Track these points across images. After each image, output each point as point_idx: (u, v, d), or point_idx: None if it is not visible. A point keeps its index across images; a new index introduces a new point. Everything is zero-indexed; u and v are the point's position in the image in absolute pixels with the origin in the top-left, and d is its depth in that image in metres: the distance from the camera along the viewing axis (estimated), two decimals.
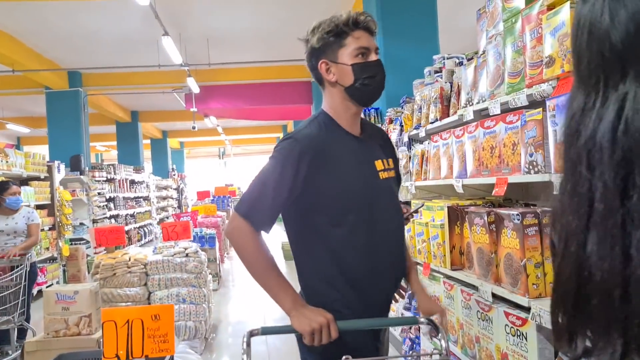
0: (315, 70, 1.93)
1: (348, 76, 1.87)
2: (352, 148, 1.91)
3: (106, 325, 2.85)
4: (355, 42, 1.87)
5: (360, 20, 1.89)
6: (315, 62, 1.92)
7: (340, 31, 1.88)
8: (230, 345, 5.66)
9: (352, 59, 1.86)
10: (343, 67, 1.87)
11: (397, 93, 5.52)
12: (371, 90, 1.90)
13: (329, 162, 1.83)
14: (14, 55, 9.81)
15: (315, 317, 1.68)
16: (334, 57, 1.88)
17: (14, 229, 5.46)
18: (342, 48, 1.87)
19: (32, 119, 18.21)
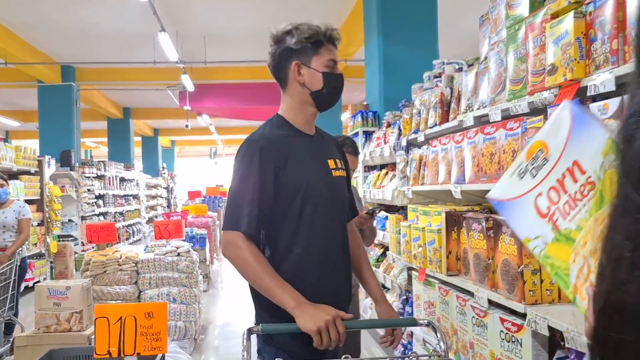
0: (283, 68, 2.02)
1: (317, 82, 1.99)
2: (304, 145, 2.02)
3: (99, 322, 2.83)
4: (328, 54, 2.01)
5: (334, 36, 2.05)
6: (285, 61, 2.01)
7: (318, 40, 2.00)
8: (219, 347, 5.63)
9: (323, 67, 1.99)
10: (315, 72, 1.99)
11: (396, 97, 5.53)
12: (333, 99, 2.06)
13: (285, 157, 1.93)
14: (7, 47, 9.74)
15: (321, 315, 1.68)
16: (308, 62, 1.99)
17: (4, 222, 5.40)
18: (316, 55, 1.99)
19: (22, 113, 18.06)
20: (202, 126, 19.68)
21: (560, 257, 1.15)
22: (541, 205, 1.18)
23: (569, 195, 1.14)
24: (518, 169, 1.23)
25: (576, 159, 1.14)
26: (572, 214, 1.13)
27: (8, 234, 5.41)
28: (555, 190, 1.16)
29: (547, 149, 1.18)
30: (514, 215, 1.23)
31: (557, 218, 1.15)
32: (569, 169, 1.15)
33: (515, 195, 1.22)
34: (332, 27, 2.07)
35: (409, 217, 3.82)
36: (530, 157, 1.20)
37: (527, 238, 1.21)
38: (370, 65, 6.54)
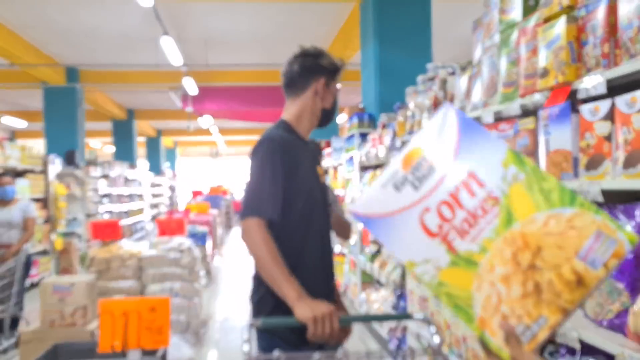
0: (306, 79, 2.20)
1: (329, 102, 2.24)
2: (305, 152, 2.19)
3: (103, 317, 2.91)
4: (337, 85, 2.29)
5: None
6: (312, 74, 2.20)
7: (338, 72, 2.27)
8: (219, 341, 5.72)
9: (334, 93, 2.27)
10: (331, 94, 2.24)
11: (390, 99, 5.63)
12: (329, 121, 2.31)
13: (296, 160, 2.09)
14: (12, 49, 9.83)
15: (318, 307, 1.77)
16: (329, 84, 2.23)
17: (9, 220, 5.49)
18: (333, 82, 2.25)
19: (27, 113, 18.16)
20: (203, 127, 19.76)
21: (459, 284, 0.99)
22: (430, 223, 1.02)
23: (467, 212, 1.01)
24: (393, 180, 1.06)
25: (472, 170, 1.02)
26: (472, 233, 1.00)
27: (14, 232, 5.51)
28: (448, 205, 1.02)
29: (433, 157, 1.06)
30: (390, 234, 1.06)
31: (453, 238, 1.01)
32: (464, 182, 1.02)
33: (391, 210, 1.05)
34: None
35: None
36: (409, 165, 1.06)
37: (411, 262, 1.03)
38: (367, 69, 6.64)
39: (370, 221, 1.08)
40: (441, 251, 1.01)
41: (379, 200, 1.07)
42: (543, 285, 0.94)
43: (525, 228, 0.97)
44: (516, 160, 1.01)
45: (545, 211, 0.96)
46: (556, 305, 0.93)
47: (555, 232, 0.95)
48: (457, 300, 0.99)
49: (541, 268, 0.94)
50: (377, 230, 1.07)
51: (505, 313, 0.95)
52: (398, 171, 1.07)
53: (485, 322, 0.97)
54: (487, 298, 0.97)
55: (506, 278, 0.96)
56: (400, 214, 1.05)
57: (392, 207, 1.05)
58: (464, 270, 0.99)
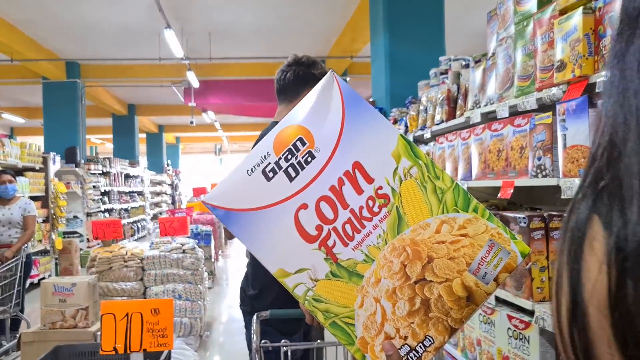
0: (298, 86, 2.31)
1: None
2: None
3: (105, 318, 2.83)
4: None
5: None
6: (305, 81, 2.30)
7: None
8: (224, 344, 5.64)
9: None
10: None
11: (402, 94, 5.51)
12: None
13: None
14: (12, 44, 9.74)
15: None
16: None
17: (9, 219, 5.41)
18: None
19: (27, 109, 18.09)
20: (207, 123, 19.67)
21: (339, 299, 0.84)
22: (307, 223, 0.84)
23: (350, 211, 0.84)
24: (262, 166, 0.86)
25: (358, 159, 0.85)
26: (357, 238, 0.84)
27: (14, 231, 5.42)
28: (329, 202, 0.84)
29: (312, 139, 0.86)
30: (256, 233, 0.85)
31: (333, 243, 0.84)
32: (348, 173, 0.85)
33: (259, 205, 0.85)
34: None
35: None
36: (282, 149, 0.86)
37: (282, 271, 0.85)
38: (377, 62, 6.52)
39: (229, 215, 0.86)
40: (319, 259, 0.84)
41: (243, 191, 0.85)
42: (432, 302, 0.82)
43: (416, 235, 0.84)
44: (408, 152, 0.86)
45: (439, 216, 0.84)
46: (443, 324, 0.82)
47: (448, 241, 0.83)
48: (336, 318, 0.84)
49: (431, 281, 0.82)
50: (238, 227, 0.86)
51: (388, 333, 0.83)
52: (269, 154, 0.86)
53: (366, 344, 0.84)
54: (370, 316, 0.83)
55: (393, 293, 0.83)
56: (271, 210, 0.85)
57: (261, 201, 0.85)
58: (345, 284, 0.84)
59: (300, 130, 0.86)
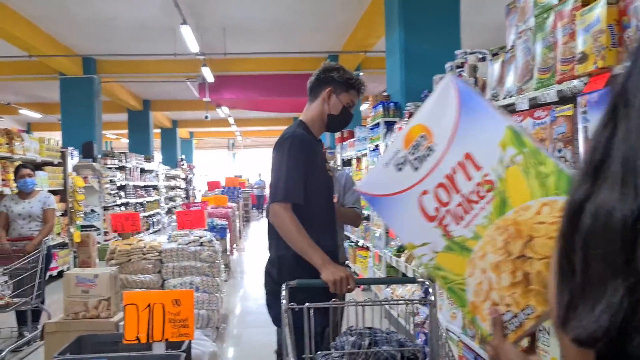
0: (319, 88, 2.63)
1: (337, 109, 2.62)
2: (318, 150, 2.64)
3: (128, 308, 2.87)
4: (352, 97, 2.65)
5: (362, 88, 2.71)
6: (325, 84, 2.62)
7: (352, 84, 2.64)
8: (240, 336, 5.69)
9: (345, 102, 2.63)
10: (338, 103, 2.62)
11: (417, 87, 5.50)
12: (338, 126, 2.74)
13: (313, 156, 2.53)
14: (30, 40, 9.84)
15: (339, 272, 2.22)
16: (338, 93, 2.62)
17: (29, 212, 5.49)
18: (344, 93, 2.63)
19: (43, 105, 18.27)
20: (220, 118, 19.75)
21: (454, 269, 0.99)
22: (428, 206, 1.01)
23: (462, 196, 0.98)
24: (394, 159, 1.04)
25: (469, 150, 0.97)
26: (467, 218, 0.97)
27: (34, 224, 5.51)
28: (444, 187, 0.99)
29: (431, 136, 1.01)
30: (392, 214, 1.05)
31: (448, 222, 0.99)
32: (460, 163, 0.98)
33: (393, 191, 1.04)
34: (364, 84, 2.72)
35: None
36: (409, 144, 1.03)
37: (411, 244, 1.03)
38: (392, 56, 6.51)
39: (374, 200, 1.08)
40: (437, 235, 1.00)
41: (382, 180, 1.06)
42: (532, 276, 0.92)
43: (518, 216, 0.94)
44: (515, 140, 0.95)
45: (540, 199, 0.93)
46: (543, 296, 0.91)
47: (547, 222, 0.92)
48: (452, 284, 1.00)
49: (531, 258, 0.92)
50: (380, 209, 1.08)
51: (494, 300, 0.95)
52: (399, 150, 1.04)
53: (476, 307, 0.97)
54: (478, 284, 0.96)
55: (497, 266, 0.95)
56: (401, 195, 1.03)
57: (394, 188, 1.04)
58: (458, 256, 0.98)
59: (422, 129, 1.01)
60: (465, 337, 3.22)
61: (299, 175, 2.42)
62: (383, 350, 1.98)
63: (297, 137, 2.49)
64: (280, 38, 11.21)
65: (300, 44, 11.26)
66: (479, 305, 0.97)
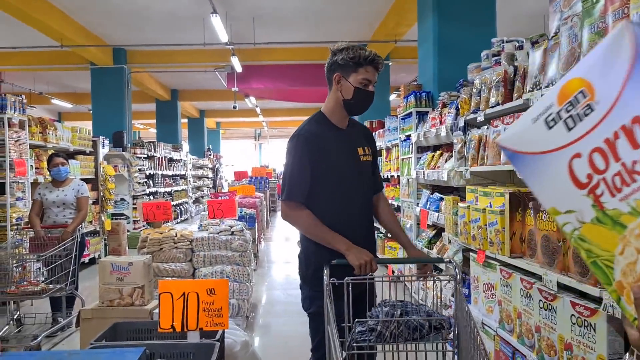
0: (330, 74, 2.58)
1: (349, 93, 2.54)
2: (337, 137, 2.59)
3: (163, 297, 2.87)
4: (364, 74, 2.51)
5: (375, 60, 2.52)
6: (332, 72, 2.57)
7: (358, 62, 2.50)
8: (270, 325, 5.69)
9: (357, 83, 2.51)
10: (349, 86, 2.53)
11: (450, 77, 5.41)
12: (358, 109, 2.59)
13: (322, 147, 2.52)
14: (63, 30, 9.96)
15: (362, 255, 2.36)
16: (347, 76, 2.53)
17: (63, 200, 5.56)
18: (354, 73, 2.51)
19: (74, 95, 18.54)
20: (248, 108, 19.80)
21: (601, 243, 0.89)
22: (579, 171, 0.90)
23: (622, 165, 0.86)
24: (545, 114, 0.93)
25: (638, 113, 0.84)
26: (625, 190, 0.86)
27: (68, 211, 5.58)
28: (601, 153, 0.88)
29: (593, 92, 0.88)
30: (536, 174, 0.95)
31: (602, 192, 0.88)
32: (625, 127, 0.85)
33: (540, 150, 0.94)
34: (375, 54, 2.53)
35: (468, 198, 3.74)
36: (564, 100, 0.91)
37: (554, 209, 0.94)
38: (424, 45, 6.40)
39: (515, 156, 0.98)
40: (587, 204, 0.90)
41: (527, 136, 0.96)
42: None
43: None
44: None
45: None
46: None
47: None
48: (597, 259, 0.90)
49: None
50: (522, 167, 0.98)
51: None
52: (552, 105, 0.92)
53: (622, 287, 0.88)
54: (630, 264, 0.86)
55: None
56: (548, 155, 0.93)
57: (541, 146, 0.94)
58: (608, 230, 0.88)
59: (583, 83, 0.89)
60: (502, 331, 3.15)
61: (300, 174, 2.50)
62: (413, 319, 2.19)
63: (302, 136, 2.53)
64: (309, 27, 11.14)
65: (329, 33, 11.17)
66: (626, 286, 0.88)
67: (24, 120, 6.61)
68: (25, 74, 14.90)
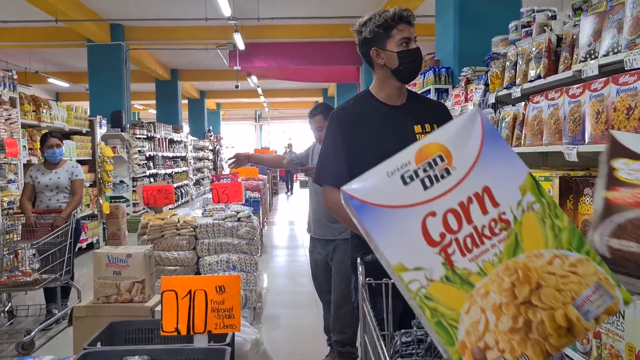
0: (367, 56, 2.37)
1: (394, 61, 2.30)
2: (384, 114, 2.37)
3: (166, 296, 2.52)
4: (399, 34, 2.28)
5: (404, 15, 2.28)
6: (367, 49, 2.34)
7: (388, 25, 2.27)
8: (279, 317, 5.36)
9: (397, 47, 2.29)
10: (390, 54, 2.30)
11: (472, 51, 5.03)
12: (411, 72, 2.36)
13: (357, 125, 2.33)
14: (57, 3, 9.50)
15: None
16: (383, 46, 2.30)
17: (57, 183, 5.20)
18: (389, 39, 2.29)
19: (72, 74, 18.10)
20: (249, 88, 19.37)
21: (448, 301, 0.90)
22: (432, 229, 0.92)
23: (473, 227, 0.93)
24: (402, 170, 0.96)
25: (488, 184, 0.94)
26: (475, 252, 0.92)
27: (62, 195, 5.21)
28: (455, 214, 0.93)
29: (451, 159, 0.96)
30: (385, 228, 0.93)
31: (453, 251, 0.92)
32: (477, 194, 0.94)
33: (394, 204, 0.94)
34: (401, 9, 2.29)
35: None
36: (422, 160, 0.96)
37: (402, 265, 0.91)
38: (443, 18, 5.97)
39: (365, 208, 0.94)
40: (437, 262, 0.92)
41: (382, 189, 0.95)
42: (534, 324, 0.90)
43: (530, 261, 0.92)
44: (534, 189, 0.96)
45: (553, 250, 0.93)
46: (541, 347, 0.89)
47: (558, 273, 0.91)
48: (442, 318, 0.90)
49: (536, 306, 0.90)
50: (370, 219, 0.93)
51: (488, 343, 0.89)
52: (409, 163, 0.96)
53: (465, 347, 0.89)
54: (474, 323, 0.90)
55: (498, 307, 0.90)
56: (403, 210, 0.93)
57: (395, 200, 0.94)
58: (457, 289, 0.91)
59: (442, 148, 0.96)
60: None
61: (334, 155, 2.34)
62: None
63: (334, 114, 2.41)
64: (316, 2, 10.66)
65: (336, 9, 10.71)
66: (469, 346, 0.89)
67: (15, 97, 6.21)
68: (20, 52, 14.43)
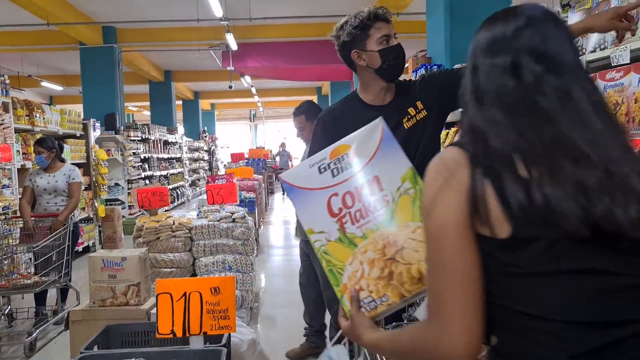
0: (348, 59, 2.36)
1: (376, 60, 2.30)
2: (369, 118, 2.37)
3: (161, 298, 2.54)
4: (378, 32, 2.29)
5: (379, 13, 2.29)
6: (347, 52, 2.34)
7: (365, 25, 2.28)
8: (276, 316, 5.38)
9: (377, 45, 2.29)
10: (371, 53, 2.30)
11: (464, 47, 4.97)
12: (395, 70, 2.36)
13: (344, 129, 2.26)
14: (48, 7, 9.47)
15: None
16: (363, 47, 2.30)
17: (54, 187, 5.23)
18: (368, 38, 2.29)
19: (65, 77, 18.04)
20: (243, 88, 19.36)
21: (339, 256, 1.24)
22: (334, 205, 1.26)
23: (362, 204, 1.24)
24: (320, 163, 1.30)
25: (378, 174, 1.25)
26: (361, 222, 1.23)
27: (60, 199, 5.24)
28: (351, 195, 1.25)
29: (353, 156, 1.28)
30: (304, 204, 1.29)
31: (346, 221, 1.24)
32: (368, 181, 1.25)
33: (310, 187, 1.29)
34: (376, 7, 2.30)
35: None
36: (335, 156, 1.30)
37: (311, 229, 1.27)
38: (434, 13, 5.97)
39: (292, 189, 1.30)
40: (334, 228, 1.25)
41: (305, 177, 1.30)
42: (395, 274, 1.21)
43: (399, 230, 1.22)
44: (412, 178, 1.25)
45: (418, 222, 1.21)
46: (398, 291, 1.21)
47: (417, 239, 1.20)
48: (333, 267, 1.25)
49: (398, 262, 1.21)
50: (296, 198, 1.30)
51: (362, 286, 1.23)
52: (325, 158, 1.30)
53: (346, 288, 1.24)
54: (354, 272, 1.23)
55: (372, 261, 1.22)
56: (316, 192, 1.28)
57: (312, 185, 1.29)
58: (345, 247, 1.24)
59: (348, 148, 1.29)
60: None
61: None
62: None
63: (320, 119, 2.50)
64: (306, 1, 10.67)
65: (327, 8, 10.68)
66: (349, 288, 1.23)
67: (8, 102, 6.21)
68: (12, 56, 14.38)
